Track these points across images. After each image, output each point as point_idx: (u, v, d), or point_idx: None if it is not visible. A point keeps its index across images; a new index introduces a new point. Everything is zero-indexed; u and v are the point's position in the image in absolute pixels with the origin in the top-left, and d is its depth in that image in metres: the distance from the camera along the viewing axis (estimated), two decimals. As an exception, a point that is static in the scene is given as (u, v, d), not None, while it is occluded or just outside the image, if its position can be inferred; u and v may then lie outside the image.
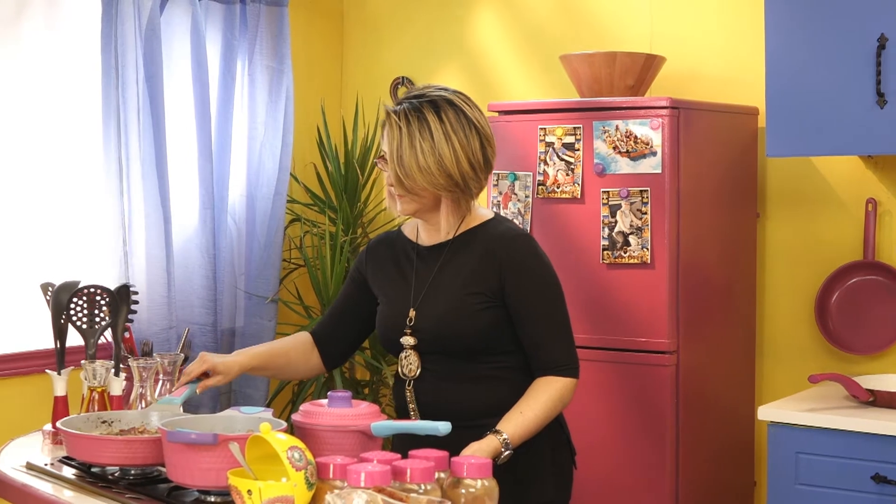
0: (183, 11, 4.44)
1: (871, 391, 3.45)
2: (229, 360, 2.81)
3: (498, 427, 2.61)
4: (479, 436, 2.60)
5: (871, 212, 3.93)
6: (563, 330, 2.73)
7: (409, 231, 2.89)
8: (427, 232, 2.82)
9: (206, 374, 2.78)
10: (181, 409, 2.70)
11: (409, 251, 2.85)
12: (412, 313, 2.76)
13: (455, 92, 2.75)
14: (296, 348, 2.95)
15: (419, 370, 2.76)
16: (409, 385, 2.77)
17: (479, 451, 2.55)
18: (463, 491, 2.21)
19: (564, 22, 4.62)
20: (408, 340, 2.76)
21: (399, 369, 2.80)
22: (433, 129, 2.66)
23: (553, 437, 2.79)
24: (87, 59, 4.29)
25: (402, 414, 2.81)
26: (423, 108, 2.68)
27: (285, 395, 4.83)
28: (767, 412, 3.47)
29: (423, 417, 2.73)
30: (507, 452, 2.59)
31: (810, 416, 3.36)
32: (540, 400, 2.67)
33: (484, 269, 2.72)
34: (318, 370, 2.99)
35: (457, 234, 2.78)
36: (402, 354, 2.77)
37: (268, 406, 4.53)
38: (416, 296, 2.78)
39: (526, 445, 2.67)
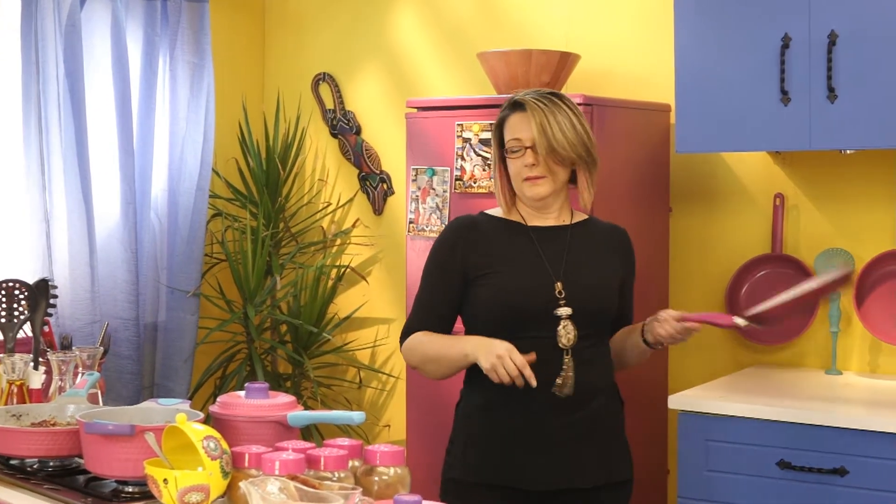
0: (103, 7, 4.45)
1: (743, 316, 3.23)
2: None
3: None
4: (595, 414, 2.93)
5: (778, 206, 4.04)
6: None
7: (504, 216, 3.04)
8: (537, 218, 3.01)
9: None
10: (87, 400, 2.73)
11: (519, 232, 3.00)
12: (559, 286, 2.90)
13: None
14: None
15: (576, 339, 2.89)
16: (567, 354, 2.87)
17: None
18: (376, 478, 2.27)
19: (483, 20, 4.69)
20: (565, 311, 2.88)
21: (557, 340, 2.87)
22: (565, 110, 2.93)
23: (624, 417, 3.10)
24: (7, 54, 4.29)
25: (548, 386, 2.86)
26: (549, 96, 2.96)
27: (207, 389, 4.86)
28: (678, 401, 3.54)
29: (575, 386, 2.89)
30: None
31: (718, 405, 3.44)
32: None
33: (612, 253, 3.04)
34: None
35: (574, 220, 3.03)
36: (562, 324, 2.87)
37: (189, 399, 4.55)
38: (556, 269, 2.93)
39: (612, 426, 3.00)
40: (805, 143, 3.56)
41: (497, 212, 3.06)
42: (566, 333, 2.87)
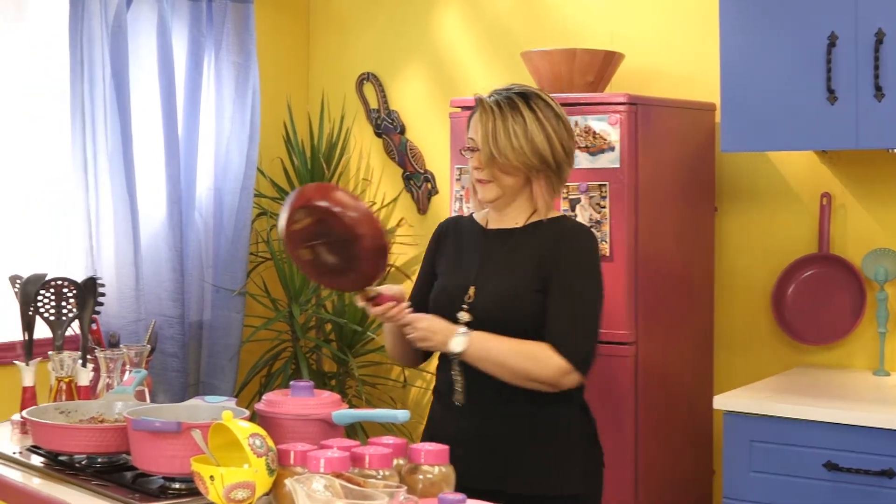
0: (149, 8, 4.49)
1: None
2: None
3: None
4: (508, 427, 2.79)
5: (825, 206, 4.01)
6: (586, 328, 2.81)
7: (479, 218, 3.00)
8: (495, 218, 2.94)
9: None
10: (134, 397, 2.76)
11: (477, 233, 2.96)
12: (472, 290, 2.85)
13: (538, 89, 2.92)
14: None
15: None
16: (456, 361, 2.85)
17: (443, 322, 2.78)
18: (420, 477, 2.27)
19: (526, 19, 4.68)
20: (463, 316, 2.84)
21: None
22: (525, 115, 2.81)
23: (585, 430, 2.94)
24: (56, 54, 4.34)
25: (447, 390, 2.88)
26: (513, 98, 2.84)
27: (252, 387, 4.88)
28: (723, 401, 3.52)
29: (468, 395, 2.83)
30: (453, 348, 2.77)
31: (764, 405, 3.43)
32: (518, 343, 2.78)
33: (549, 256, 2.83)
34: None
35: (527, 222, 2.89)
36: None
37: (235, 397, 4.58)
38: (478, 274, 2.87)
39: (556, 435, 2.83)
40: (852, 142, 3.53)
41: (479, 214, 3.02)
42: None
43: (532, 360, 2.77)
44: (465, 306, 2.85)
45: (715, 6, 3.78)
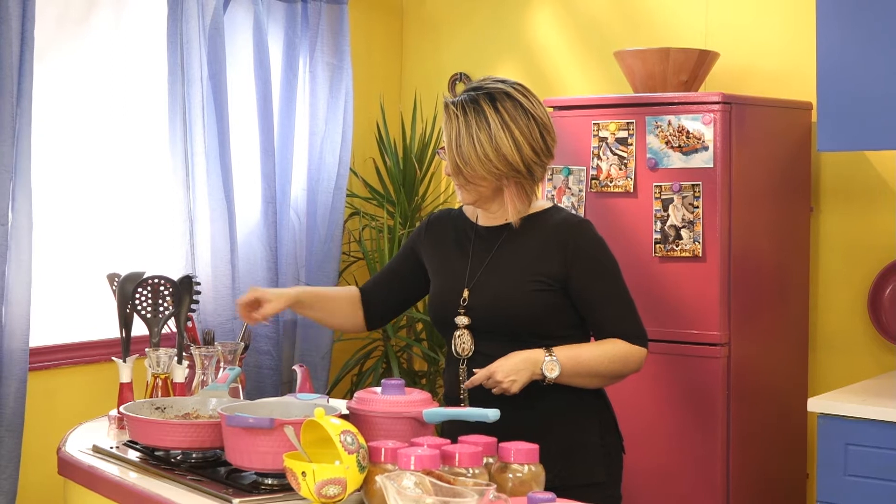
0: (245, 10, 4.55)
1: None
2: (279, 290, 2.99)
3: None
4: (529, 418, 2.70)
5: (924, 206, 3.95)
6: (631, 306, 2.82)
7: (469, 211, 2.94)
8: (484, 215, 2.88)
9: (259, 305, 2.91)
10: (228, 394, 2.80)
11: (468, 230, 2.90)
12: (466, 293, 2.81)
13: (512, 84, 2.81)
14: (347, 299, 3.05)
15: (472, 350, 2.81)
16: (462, 364, 2.82)
17: (519, 355, 2.68)
18: (510, 475, 2.27)
19: (619, 18, 4.66)
20: (462, 320, 2.81)
21: (452, 349, 2.84)
22: (490, 119, 2.72)
23: (603, 419, 2.87)
24: (154, 56, 4.41)
25: (454, 394, 2.85)
26: (479, 99, 2.74)
27: (344, 385, 4.92)
28: (817, 404, 3.48)
29: (472, 397, 2.79)
30: (549, 374, 2.69)
31: (859, 409, 3.38)
32: (602, 348, 2.77)
33: (547, 255, 2.77)
34: (360, 327, 3.08)
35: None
36: (457, 334, 2.82)
37: (327, 394, 4.62)
38: (471, 276, 2.83)
39: (577, 424, 2.78)
40: (952, 141, 3.48)
41: (468, 208, 2.95)
42: (461, 343, 2.81)
43: (620, 361, 2.78)
44: (461, 310, 2.81)
45: (812, 4, 3.74)
